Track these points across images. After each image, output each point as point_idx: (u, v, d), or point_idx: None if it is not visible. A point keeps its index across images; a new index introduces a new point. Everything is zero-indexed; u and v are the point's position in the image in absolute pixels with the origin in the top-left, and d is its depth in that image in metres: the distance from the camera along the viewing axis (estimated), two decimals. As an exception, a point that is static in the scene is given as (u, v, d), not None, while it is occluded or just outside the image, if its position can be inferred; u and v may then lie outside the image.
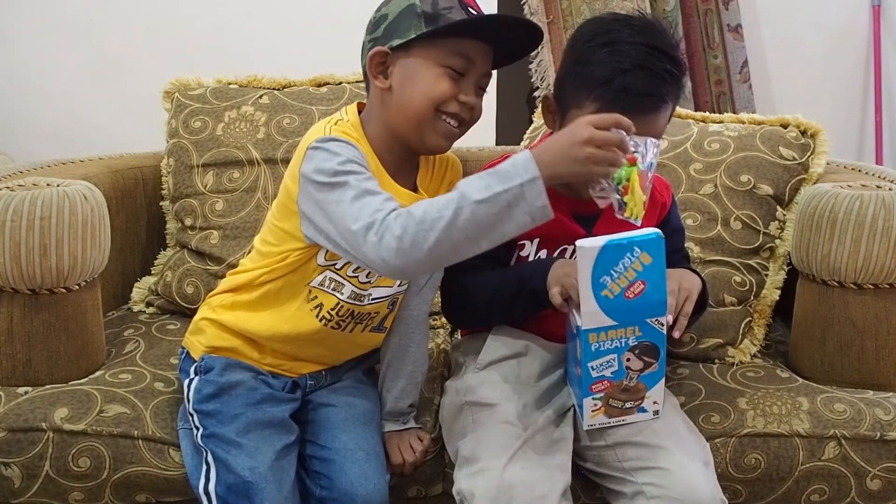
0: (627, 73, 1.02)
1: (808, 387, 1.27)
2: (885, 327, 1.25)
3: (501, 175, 0.92)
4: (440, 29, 1.04)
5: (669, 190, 1.25)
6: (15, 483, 1.12)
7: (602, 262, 0.98)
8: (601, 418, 1.07)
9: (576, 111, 1.07)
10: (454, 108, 1.07)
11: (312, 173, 1.01)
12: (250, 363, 1.14)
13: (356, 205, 0.96)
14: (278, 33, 2.13)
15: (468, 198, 0.91)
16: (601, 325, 1.00)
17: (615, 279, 0.98)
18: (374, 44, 1.08)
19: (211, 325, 1.16)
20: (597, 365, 1.02)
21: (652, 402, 1.07)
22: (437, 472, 1.21)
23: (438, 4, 1.04)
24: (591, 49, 1.06)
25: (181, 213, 1.55)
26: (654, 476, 1.03)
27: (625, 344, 1.02)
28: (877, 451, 1.18)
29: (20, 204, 1.15)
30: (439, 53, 1.05)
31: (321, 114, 1.57)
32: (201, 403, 1.10)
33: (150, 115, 1.72)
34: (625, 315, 1.00)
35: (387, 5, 1.09)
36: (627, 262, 0.98)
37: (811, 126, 1.51)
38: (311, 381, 1.19)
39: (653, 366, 1.04)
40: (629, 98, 1.02)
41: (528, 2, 2.18)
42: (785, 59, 2.38)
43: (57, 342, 1.20)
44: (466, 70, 1.07)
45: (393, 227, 0.92)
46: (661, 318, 1.01)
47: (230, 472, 1.03)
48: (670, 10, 2.22)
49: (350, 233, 0.96)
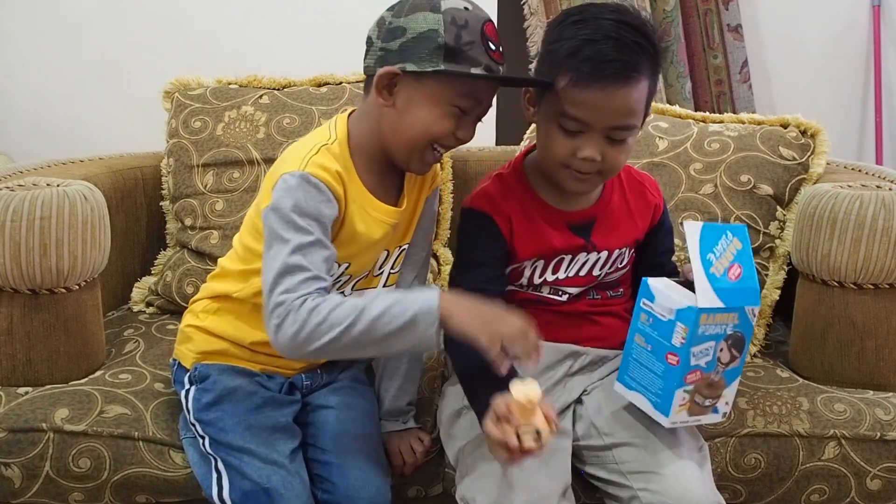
0: (596, 42, 1.01)
1: (808, 387, 1.27)
2: (885, 327, 1.25)
3: (403, 302, 0.95)
4: (458, 73, 1.01)
5: (658, 189, 1.24)
6: (15, 483, 1.12)
7: (706, 240, 0.98)
8: (683, 415, 1.03)
9: (549, 94, 1.06)
10: (449, 143, 1.07)
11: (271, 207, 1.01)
12: (243, 365, 1.14)
13: (281, 270, 0.97)
14: (278, 33, 2.13)
15: (368, 313, 0.94)
16: (713, 307, 0.97)
17: (718, 258, 0.98)
18: (386, 56, 1.04)
19: (197, 332, 1.16)
20: (697, 351, 0.99)
21: (724, 402, 1.05)
22: (437, 472, 1.21)
23: (461, 38, 1.01)
24: (563, 27, 1.05)
25: (181, 213, 1.55)
26: (649, 481, 1.03)
27: (724, 332, 0.99)
28: (877, 451, 1.18)
29: (20, 204, 1.15)
30: (451, 92, 1.03)
31: (321, 114, 1.58)
32: (201, 413, 1.09)
33: (150, 115, 1.73)
34: (729, 297, 0.98)
35: (407, 17, 1.03)
36: (725, 243, 0.99)
37: (811, 126, 1.51)
38: (307, 381, 1.18)
39: (736, 360, 1.02)
40: (597, 65, 1.00)
41: (528, 2, 2.18)
42: (785, 59, 2.37)
43: (57, 342, 1.20)
44: (472, 109, 1.06)
45: (295, 318, 0.95)
46: (756, 308, 1.00)
47: (245, 479, 1.03)
48: (670, 10, 2.22)
49: (265, 287, 0.98)
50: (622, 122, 1.04)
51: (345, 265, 1.10)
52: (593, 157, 1.04)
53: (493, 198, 1.13)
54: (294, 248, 0.98)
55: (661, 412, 1.03)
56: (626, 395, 1.08)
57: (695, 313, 0.97)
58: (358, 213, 1.07)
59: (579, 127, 1.04)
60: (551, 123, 1.06)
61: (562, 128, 1.05)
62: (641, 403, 1.06)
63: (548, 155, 1.08)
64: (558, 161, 1.07)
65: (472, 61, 1.01)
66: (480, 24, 1.02)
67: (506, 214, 1.12)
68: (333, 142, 1.07)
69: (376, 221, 1.09)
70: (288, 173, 1.02)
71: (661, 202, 1.22)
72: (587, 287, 1.17)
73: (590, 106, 1.02)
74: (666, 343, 1.01)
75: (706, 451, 1.10)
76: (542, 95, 1.09)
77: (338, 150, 1.07)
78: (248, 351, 1.14)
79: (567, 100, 1.03)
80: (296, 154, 1.05)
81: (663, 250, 1.23)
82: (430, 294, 0.96)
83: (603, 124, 1.03)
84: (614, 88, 1.01)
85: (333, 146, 1.07)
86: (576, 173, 1.07)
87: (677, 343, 0.99)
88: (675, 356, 1.00)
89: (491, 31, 1.04)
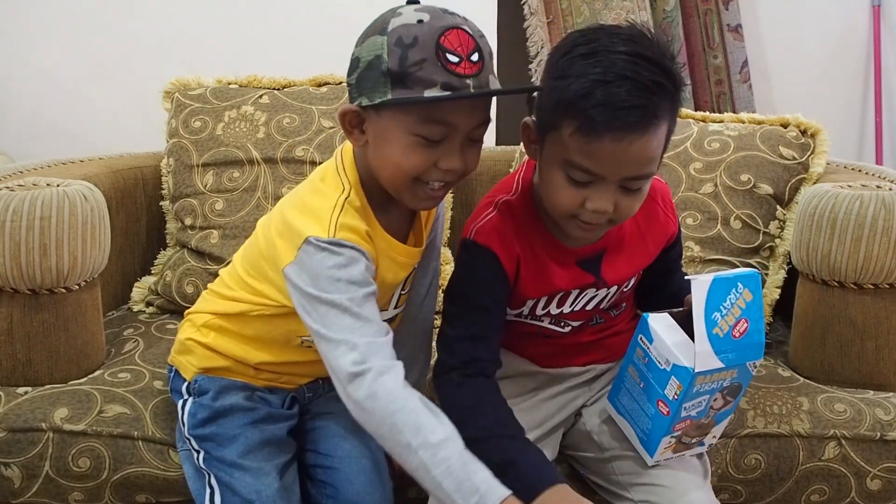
0: (610, 84, 0.86)
1: (808, 387, 1.27)
2: (885, 327, 1.25)
3: (465, 483, 0.85)
4: (404, 100, 0.89)
5: (670, 199, 1.12)
6: (15, 483, 1.12)
7: (713, 297, 0.91)
8: (668, 454, 1.02)
9: (554, 135, 0.92)
10: (436, 177, 0.95)
11: (300, 282, 0.94)
12: (246, 381, 1.11)
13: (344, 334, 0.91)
14: (278, 33, 2.13)
15: (428, 465, 0.86)
16: (711, 368, 0.92)
17: (724, 315, 0.92)
18: (350, 91, 0.95)
19: (199, 347, 1.12)
20: (689, 405, 0.96)
21: (712, 436, 1.04)
22: (437, 472, 1.21)
23: (407, 60, 0.88)
24: (570, 61, 0.90)
25: (181, 212, 1.55)
26: (649, 493, 1.02)
27: (720, 385, 0.95)
28: (877, 451, 1.18)
29: (20, 204, 1.15)
30: (409, 120, 0.91)
31: (321, 114, 1.57)
32: (196, 429, 1.07)
33: (150, 115, 1.73)
34: (730, 356, 0.93)
35: (361, 45, 0.93)
36: (734, 297, 0.92)
37: (811, 126, 1.51)
38: (308, 394, 1.16)
39: (730, 404, 1.00)
40: (611, 112, 0.86)
41: (528, 2, 2.18)
42: (785, 59, 2.37)
43: (57, 342, 1.20)
44: (444, 136, 0.92)
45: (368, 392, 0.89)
46: (758, 362, 0.96)
47: (235, 495, 1.01)
48: (670, 10, 2.22)
49: (333, 360, 0.92)
50: (639, 173, 0.92)
51: None
52: (605, 209, 0.93)
53: (501, 234, 1.02)
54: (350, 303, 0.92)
55: (647, 451, 1.02)
56: (614, 417, 1.08)
57: (691, 375, 0.92)
58: (385, 264, 1.02)
59: (589, 178, 0.92)
60: (556, 170, 0.93)
61: (569, 177, 0.92)
62: (628, 432, 1.06)
63: (552, 204, 0.96)
64: (564, 212, 0.95)
65: (423, 83, 0.88)
66: (435, 37, 0.88)
67: (514, 254, 1.02)
68: (350, 192, 0.98)
69: (403, 266, 1.05)
70: (313, 238, 0.93)
71: (675, 226, 1.11)
72: (591, 317, 1.11)
73: (602, 157, 0.89)
74: (659, 390, 0.97)
75: (706, 461, 1.09)
76: (545, 135, 0.95)
77: (358, 204, 0.98)
78: (253, 369, 1.11)
79: (575, 148, 0.90)
80: (317, 210, 0.97)
81: (673, 268, 1.15)
82: (495, 497, 0.86)
83: (617, 176, 0.91)
84: (631, 138, 0.88)
85: (353, 199, 0.98)
86: (582, 224, 0.96)
87: (671, 396, 0.95)
88: (667, 407, 0.96)
89: (453, 40, 0.89)
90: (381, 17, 0.93)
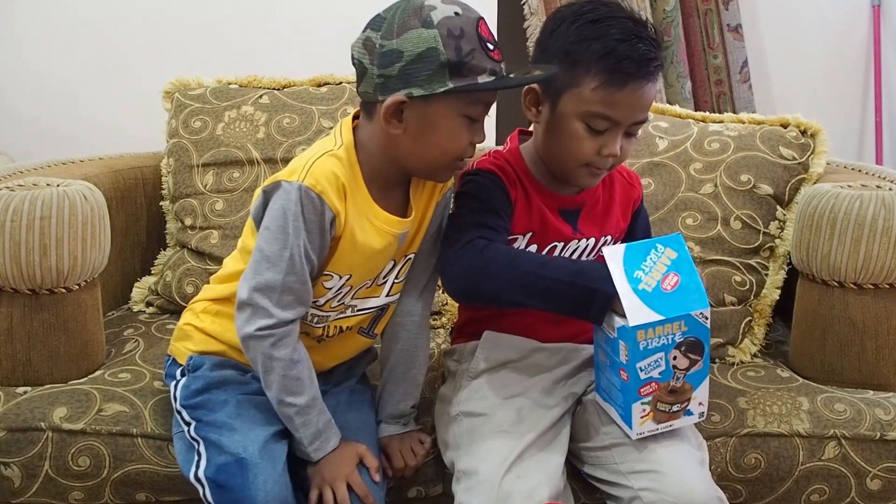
0: (624, 42, 1.03)
1: (808, 387, 1.27)
2: (885, 327, 1.25)
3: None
4: (470, 88, 0.99)
5: (640, 182, 1.27)
6: (15, 483, 1.12)
7: (630, 260, 0.99)
8: (650, 424, 1.04)
9: (572, 92, 1.06)
10: (469, 154, 1.06)
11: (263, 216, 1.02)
12: (241, 363, 1.11)
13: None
14: (278, 33, 2.13)
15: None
16: (648, 321, 0.97)
17: (647, 273, 0.99)
18: (387, 83, 0.99)
19: (196, 332, 1.14)
20: (645, 365, 1.00)
21: (697, 403, 1.05)
22: (438, 473, 1.20)
23: (462, 50, 0.97)
24: (581, 28, 1.06)
25: (181, 212, 1.55)
26: (649, 480, 1.02)
27: (672, 341, 1.00)
28: (877, 451, 1.18)
29: (20, 204, 1.15)
30: (461, 104, 1.01)
31: (321, 114, 1.58)
32: (189, 399, 1.08)
33: (150, 115, 1.73)
34: (668, 307, 0.99)
35: (400, 38, 0.98)
36: (654, 256, 1.00)
37: (811, 126, 1.51)
38: None
39: (698, 363, 1.02)
40: (633, 65, 1.03)
41: (528, 2, 2.18)
42: (785, 59, 2.38)
43: (57, 342, 1.20)
44: (482, 113, 1.04)
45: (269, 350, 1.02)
46: (705, 311, 1.00)
47: (222, 453, 1.01)
48: (670, 10, 2.22)
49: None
50: (643, 117, 1.08)
51: (346, 276, 1.08)
52: (616, 153, 1.07)
53: (497, 164, 1.15)
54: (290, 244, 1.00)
55: (627, 424, 1.05)
56: (603, 406, 1.10)
57: (630, 331, 0.97)
58: (358, 222, 1.05)
59: (608, 125, 1.06)
60: (576, 123, 1.07)
61: (588, 127, 1.06)
62: (613, 415, 1.08)
63: (571, 154, 1.09)
64: (582, 160, 1.08)
65: (477, 70, 0.99)
66: (475, 28, 0.99)
67: (511, 177, 1.14)
68: (339, 147, 1.05)
69: (378, 231, 1.07)
70: (284, 180, 1.00)
71: (640, 193, 1.26)
72: None
73: (622, 105, 1.04)
74: (616, 359, 1.02)
75: (705, 448, 1.10)
76: (560, 94, 1.08)
77: (343, 155, 1.04)
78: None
79: (597, 100, 1.04)
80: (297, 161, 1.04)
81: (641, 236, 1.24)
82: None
83: (630, 121, 1.07)
84: (646, 87, 1.05)
85: (339, 151, 1.04)
86: (594, 169, 1.10)
87: (623, 360, 1.00)
88: (625, 372, 1.01)
89: (485, 30, 1.01)
90: (409, 9, 0.99)
